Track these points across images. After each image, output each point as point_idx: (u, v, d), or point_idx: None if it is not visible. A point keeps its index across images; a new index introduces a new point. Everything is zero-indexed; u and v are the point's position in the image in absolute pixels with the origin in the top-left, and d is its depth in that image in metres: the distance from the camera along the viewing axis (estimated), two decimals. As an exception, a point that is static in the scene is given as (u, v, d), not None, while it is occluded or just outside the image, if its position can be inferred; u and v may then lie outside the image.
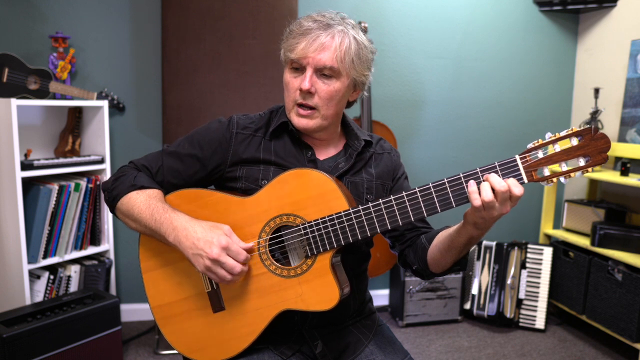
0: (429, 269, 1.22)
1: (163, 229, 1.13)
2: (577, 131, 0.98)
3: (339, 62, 1.15)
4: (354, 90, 1.25)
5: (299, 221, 1.13)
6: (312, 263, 1.12)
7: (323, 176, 1.12)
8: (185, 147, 1.25)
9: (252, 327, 1.16)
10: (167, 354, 2.54)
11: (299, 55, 1.16)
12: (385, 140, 1.36)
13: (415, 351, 2.68)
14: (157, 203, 1.17)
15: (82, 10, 2.67)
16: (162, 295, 1.23)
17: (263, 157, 1.23)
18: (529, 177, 1.01)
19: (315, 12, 1.21)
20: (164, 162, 1.25)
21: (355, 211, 1.09)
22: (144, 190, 1.20)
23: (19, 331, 1.95)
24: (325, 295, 1.10)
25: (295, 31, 1.18)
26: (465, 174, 1.03)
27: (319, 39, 1.14)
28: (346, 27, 1.18)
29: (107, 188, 1.25)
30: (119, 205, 1.22)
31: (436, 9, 3.10)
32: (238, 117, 1.29)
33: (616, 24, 3.04)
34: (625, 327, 2.51)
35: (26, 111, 2.50)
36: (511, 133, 3.29)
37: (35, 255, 2.31)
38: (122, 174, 1.24)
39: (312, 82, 1.16)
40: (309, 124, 1.20)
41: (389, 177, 1.31)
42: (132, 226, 1.22)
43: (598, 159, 0.97)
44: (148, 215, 1.16)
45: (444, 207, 1.05)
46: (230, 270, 1.08)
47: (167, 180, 1.25)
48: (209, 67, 2.43)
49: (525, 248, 3.01)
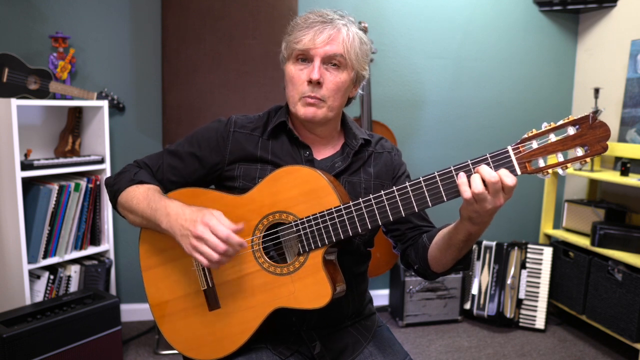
0: (430, 268, 1.21)
1: (157, 216, 1.14)
2: (573, 120, 0.92)
3: (345, 52, 1.18)
4: (353, 86, 1.26)
5: (291, 218, 1.13)
6: (305, 260, 1.12)
7: (314, 172, 1.12)
8: (185, 146, 1.28)
9: (245, 326, 1.16)
10: (167, 354, 2.54)
11: (308, 46, 1.17)
12: (386, 139, 1.35)
13: (415, 351, 2.68)
14: (154, 194, 1.19)
15: (82, 10, 2.67)
16: (161, 294, 1.24)
17: (260, 155, 1.24)
18: (522, 169, 0.96)
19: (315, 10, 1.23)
20: (165, 160, 1.28)
21: (346, 207, 1.09)
22: (144, 185, 1.23)
23: (19, 331, 1.95)
24: (317, 292, 1.09)
25: (300, 24, 1.20)
26: (456, 166, 1.01)
27: (326, 31, 1.17)
28: (348, 22, 1.21)
29: (109, 183, 1.28)
30: (120, 199, 1.24)
31: (436, 9, 3.10)
32: (237, 116, 1.30)
33: (616, 24, 3.04)
34: (625, 327, 2.50)
35: (26, 111, 2.50)
36: (511, 133, 3.29)
37: (35, 255, 2.31)
38: (125, 171, 1.28)
39: (321, 73, 1.18)
40: (316, 112, 1.20)
41: (388, 177, 1.30)
42: (130, 219, 1.24)
43: (597, 148, 0.91)
44: (145, 204, 1.18)
45: (435, 202, 1.03)
46: (213, 247, 1.04)
47: (167, 177, 1.27)
48: (209, 67, 2.43)
49: (525, 248, 3.01)
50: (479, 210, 0.99)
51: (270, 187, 1.15)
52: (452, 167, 1.01)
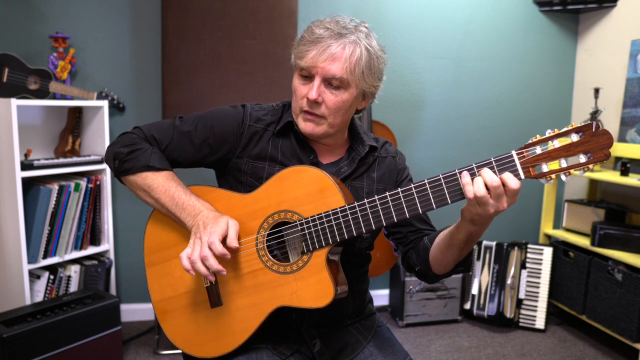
0: (432, 270, 1.22)
1: (184, 215, 1.16)
2: (577, 127, 0.95)
3: (349, 74, 1.14)
4: (362, 99, 1.24)
5: (296, 217, 1.13)
6: (308, 259, 1.12)
7: (320, 173, 1.13)
8: (199, 128, 1.25)
9: (247, 324, 1.16)
10: (167, 354, 2.54)
11: (309, 64, 1.14)
12: (391, 143, 1.35)
13: (415, 351, 2.68)
14: (176, 187, 1.19)
15: (82, 10, 2.67)
16: (164, 290, 1.24)
17: (271, 153, 1.23)
18: (526, 173, 0.98)
19: (328, 17, 1.19)
20: (175, 139, 1.25)
21: (351, 207, 1.09)
22: (160, 172, 1.21)
23: (19, 331, 1.95)
24: (319, 292, 1.10)
25: (306, 38, 1.16)
26: (460, 169, 1.02)
27: (330, 49, 1.12)
28: (359, 36, 1.15)
29: (120, 158, 1.22)
30: (132, 178, 1.22)
31: (436, 9, 3.10)
32: (252, 107, 1.28)
33: (616, 24, 3.04)
34: (625, 327, 2.51)
35: (26, 111, 2.50)
36: (511, 133, 3.29)
37: (35, 255, 2.31)
38: (137, 147, 1.22)
39: (320, 92, 1.15)
40: (315, 129, 1.19)
41: (391, 181, 1.30)
42: (145, 200, 1.23)
43: (600, 155, 0.93)
44: (168, 199, 1.18)
45: (439, 204, 1.04)
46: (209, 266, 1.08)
47: (173, 157, 1.25)
48: (209, 67, 2.43)
49: (525, 248, 3.01)
50: (482, 213, 1.00)
51: (276, 186, 1.16)
52: (456, 170, 1.02)
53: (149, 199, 1.22)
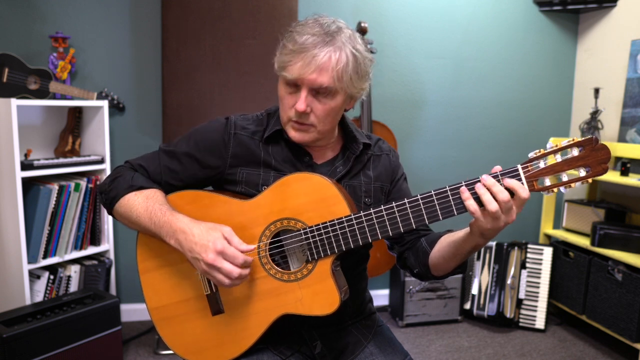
0: (431, 273, 1.23)
1: (163, 232, 1.12)
2: (578, 141, 0.98)
3: (336, 82, 1.11)
4: (350, 100, 1.22)
5: (299, 225, 1.12)
6: (313, 268, 1.12)
7: (325, 181, 1.11)
8: (183, 146, 1.23)
9: (250, 331, 1.16)
10: (167, 354, 2.54)
11: (295, 77, 1.11)
12: (384, 140, 1.35)
13: (415, 351, 2.68)
14: (154, 205, 1.15)
15: (82, 10, 2.67)
16: (160, 297, 1.22)
17: (264, 159, 1.22)
18: (530, 187, 1.00)
19: (310, 19, 1.15)
20: (161, 161, 1.23)
21: (357, 217, 1.09)
22: (142, 191, 1.19)
23: (19, 331, 1.95)
24: (325, 300, 1.10)
25: (288, 47, 1.12)
26: (467, 182, 1.02)
27: (315, 60, 1.08)
28: (343, 40, 1.11)
29: (104, 190, 1.22)
30: (117, 207, 1.20)
31: (436, 9, 3.10)
32: (236, 117, 1.26)
33: (616, 24, 3.04)
34: (625, 327, 2.51)
35: (26, 111, 2.50)
36: (511, 133, 3.29)
37: (35, 255, 2.31)
38: (119, 175, 1.22)
39: (308, 102, 1.13)
40: (304, 137, 1.18)
41: (387, 179, 1.30)
42: (131, 227, 1.21)
43: (598, 169, 0.97)
44: (147, 218, 1.14)
45: (446, 215, 1.05)
46: (227, 274, 1.06)
47: (165, 180, 1.23)
48: (209, 67, 2.43)
49: (525, 248, 3.01)
50: (494, 226, 1.01)
51: (279, 193, 1.14)
52: (463, 183, 1.03)
53: (132, 226, 1.19)
